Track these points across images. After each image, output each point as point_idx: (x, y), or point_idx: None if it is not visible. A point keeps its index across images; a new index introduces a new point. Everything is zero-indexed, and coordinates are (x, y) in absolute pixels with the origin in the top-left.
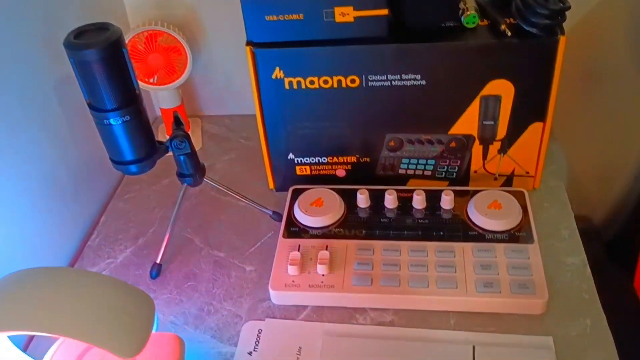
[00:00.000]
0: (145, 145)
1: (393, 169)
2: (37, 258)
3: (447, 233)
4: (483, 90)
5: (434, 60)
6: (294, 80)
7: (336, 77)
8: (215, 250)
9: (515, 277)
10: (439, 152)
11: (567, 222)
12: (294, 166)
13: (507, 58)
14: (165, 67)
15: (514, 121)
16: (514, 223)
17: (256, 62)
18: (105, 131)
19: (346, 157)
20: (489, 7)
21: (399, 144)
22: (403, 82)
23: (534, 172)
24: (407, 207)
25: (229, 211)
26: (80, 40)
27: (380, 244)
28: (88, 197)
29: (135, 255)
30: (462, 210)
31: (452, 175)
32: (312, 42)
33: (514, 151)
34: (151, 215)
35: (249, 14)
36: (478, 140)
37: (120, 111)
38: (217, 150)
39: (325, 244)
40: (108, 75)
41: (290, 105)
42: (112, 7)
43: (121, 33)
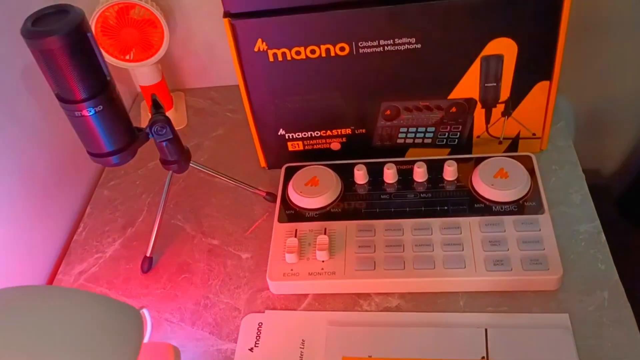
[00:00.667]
0: (123, 134)
1: (391, 139)
2: (22, 258)
3: (451, 207)
4: (484, 51)
5: (429, 21)
6: (279, 51)
7: (324, 45)
8: (209, 237)
9: (526, 252)
10: (438, 119)
11: (578, 185)
12: (286, 142)
13: (508, 14)
14: (140, 42)
15: (518, 81)
16: (522, 192)
17: (236, 35)
18: (78, 123)
19: (340, 130)
20: None
21: (395, 113)
22: (397, 47)
23: (540, 134)
24: (408, 180)
25: (221, 193)
26: (39, 27)
27: (381, 223)
28: (70, 188)
29: (125, 247)
30: (466, 181)
31: (453, 142)
32: (296, 9)
33: (518, 113)
34: (139, 202)
35: None
36: (480, 104)
37: (92, 101)
38: (203, 126)
39: (323, 226)
40: (74, 64)
41: (277, 78)
42: None
43: (84, 15)
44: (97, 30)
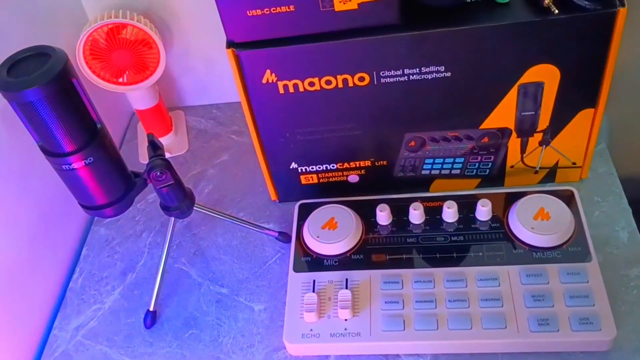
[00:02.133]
0: (118, 184)
1: (414, 170)
2: (15, 312)
3: (487, 253)
4: (522, 78)
5: (459, 47)
6: (290, 83)
7: (340, 76)
8: (217, 285)
9: (574, 308)
10: (468, 149)
11: (625, 220)
12: (298, 176)
13: (551, 39)
14: (134, 64)
15: (560, 109)
16: (566, 236)
17: (241, 66)
18: (67, 176)
19: (359, 162)
20: None
21: (420, 144)
22: (423, 76)
23: (581, 163)
24: (437, 220)
25: (228, 232)
26: (16, 77)
27: (409, 273)
28: (64, 227)
29: (125, 297)
30: (502, 222)
31: (484, 172)
32: (308, 37)
33: (558, 142)
34: (138, 243)
35: (227, 10)
36: (515, 133)
37: (81, 153)
38: (206, 151)
39: (344, 277)
40: (58, 115)
41: (288, 111)
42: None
43: (67, 59)
44: (86, 53)
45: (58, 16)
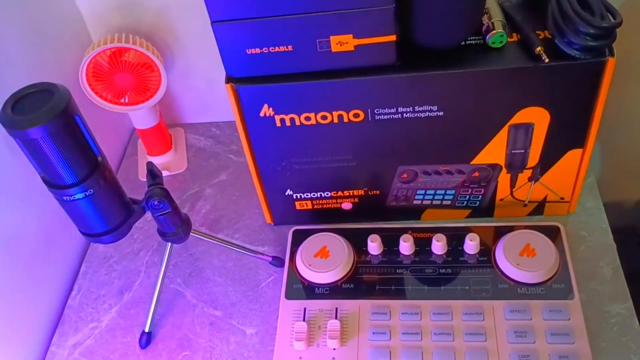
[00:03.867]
0: (117, 213)
1: (407, 200)
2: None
3: (473, 287)
4: (512, 119)
5: (453, 89)
6: (287, 117)
7: (336, 112)
8: (210, 307)
9: (555, 345)
10: (459, 182)
11: (610, 257)
12: (293, 202)
13: (541, 83)
14: (136, 86)
15: (549, 148)
16: (550, 273)
17: (240, 100)
18: (68, 207)
19: (352, 191)
20: (518, 15)
21: (413, 176)
22: (417, 114)
23: (569, 198)
24: (426, 251)
25: (223, 253)
26: (20, 114)
27: (397, 304)
28: (64, 244)
29: (122, 316)
30: (489, 256)
31: (474, 204)
32: (305, 74)
33: (547, 178)
34: (136, 261)
35: (227, 48)
36: (505, 169)
37: (82, 185)
38: (204, 170)
39: (334, 306)
40: (61, 150)
41: (284, 143)
42: (68, 19)
43: (70, 96)
44: (89, 74)
45: (64, 38)
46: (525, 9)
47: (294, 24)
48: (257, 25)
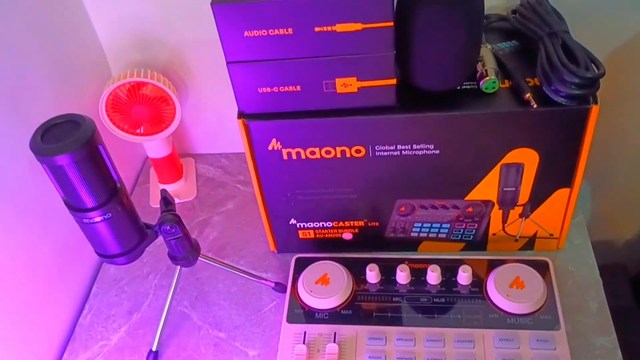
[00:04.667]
0: (131, 236)
1: (404, 232)
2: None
3: (465, 316)
4: (504, 159)
5: (449, 129)
6: (293, 151)
7: (339, 147)
8: (215, 329)
9: None
10: (454, 217)
11: (595, 291)
12: (297, 230)
13: (531, 127)
14: (152, 117)
15: (538, 187)
16: (538, 305)
17: (250, 134)
18: (87, 229)
19: (353, 222)
20: (509, 63)
21: (410, 210)
22: (414, 152)
23: (558, 235)
24: (421, 281)
25: (228, 278)
26: (49, 142)
27: (393, 330)
28: (77, 265)
29: (130, 335)
30: (481, 287)
31: (468, 238)
32: (311, 112)
33: (537, 215)
34: (145, 284)
35: (240, 87)
36: (498, 205)
37: (101, 209)
38: (213, 199)
39: (333, 330)
40: (84, 177)
41: (290, 175)
42: (90, 53)
43: (95, 127)
44: (108, 106)
45: (86, 71)
46: (516, 57)
47: (303, 66)
48: (268, 66)
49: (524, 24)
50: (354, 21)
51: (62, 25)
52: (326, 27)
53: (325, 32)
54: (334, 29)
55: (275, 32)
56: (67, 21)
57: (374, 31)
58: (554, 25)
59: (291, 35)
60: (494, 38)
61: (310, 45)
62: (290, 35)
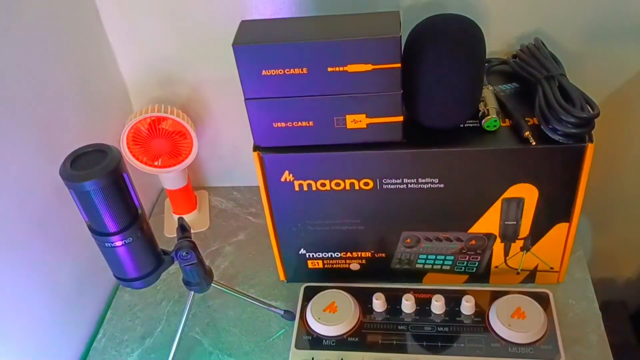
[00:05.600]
0: (149, 261)
1: (410, 263)
2: None
3: (468, 345)
4: (505, 193)
5: (452, 164)
6: (304, 182)
7: (349, 180)
8: (226, 355)
9: None
10: (457, 249)
11: (595, 324)
12: (306, 260)
13: (530, 163)
14: (170, 151)
15: (538, 222)
16: (539, 334)
17: (264, 166)
18: (108, 252)
19: (360, 252)
20: (510, 104)
21: (415, 241)
22: (420, 185)
23: (558, 268)
24: (426, 310)
25: (238, 306)
26: (77, 169)
27: (398, 358)
28: (93, 290)
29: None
30: (483, 316)
31: (471, 270)
32: (323, 146)
33: (537, 249)
34: (158, 310)
35: (257, 121)
36: (499, 238)
37: (123, 234)
38: (225, 230)
39: (340, 357)
40: (108, 203)
41: (301, 205)
42: (114, 89)
43: (121, 158)
44: (129, 139)
45: (110, 106)
46: (516, 99)
47: (315, 103)
48: (284, 103)
49: (523, 68)
50: (364, 62)
51: (90, 63)
52: (338, 67)
53: (337, 72)
54: (345, 69)
55: (291, 72)
56: (94, 59)
57: (382, 72)
58: (552, 69)
59: (305, 75)
60: (495, 80)
61: (323, 84)
62: (305, 74)
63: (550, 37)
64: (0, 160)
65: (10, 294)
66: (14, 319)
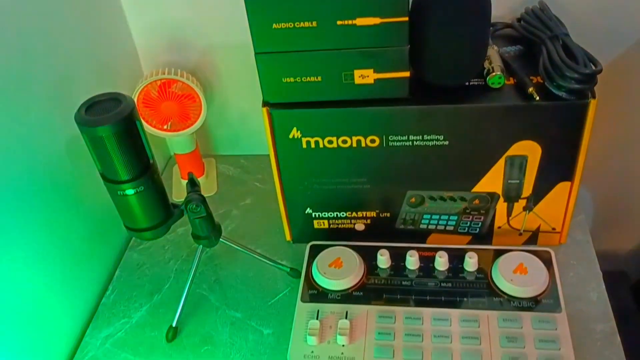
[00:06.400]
0: (159, 212)
1: (414, 223)
2: (52, 318)
3: (471, 299)
4: (509, 151)
5: (457, 121)
6: (312, 139)
7: (355, 137)
8: (232, 310)
9: (542, 351)
10: (461, 209)
11: (595, 282)
12: (312, 220)
13: (534, 120)
14: (179, 114)
15: (540, 180)
16: (541, 289)
17: (273, 122)
18: (119, 201)
19: (365, 212)
20: (514, 63)
21: (420, 201)
22: (425, 142)
23: (560, 229)
24: (430, 268)
25: (245, 265)
26: (92, 115)
27: (401, 310)
28: (103, 249)
29: (151, 314)
30: (486, 273)
31: (475, 231)
32: (330, 102)
33: (540, 208)
34: (166, 268)
35: (266, 76)
36: (502, 198)
37: (135, 182)
38: (232, 194)
39: (345, 309)
40: (121, 150)
41: (308, 163)
42: (125, 54)
43: (134, 105)
44: (139, 102)
45: (120, 70)
46: (521, 59)
47: (324, 57)
48: (293, 57)
49: (528, 29)
50: (372, 15)
51: (101, 26)
52: (347, 20)
53: (347, 25)
54: (354, 22)
55: (301, 25)
56: (105, 22)
57: (390, 25)
58: (555, 29)
59: (315, 28)
60: (500, 44)
61: (333, 38)
62: (315, 27)
63: (554, 0)
64: (13, 114)
65: (25, 247)
66: (29, 272)
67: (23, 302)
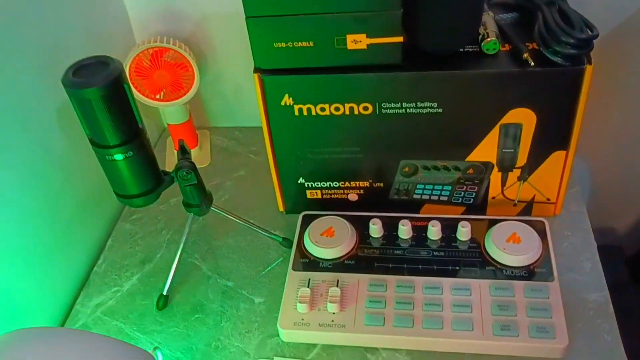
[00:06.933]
0: (149, 178)
1: (407, 194)
2: (43, 287)
3: (463, 268)
4: (503, 119)
5: (451, 88)
6: (304, 107)
7: (348, 104)
8: (224, 279)
9: (534, 319)
10: (455, 179)
11: (590, 252)
12: (305, 190)
13: (529, 87)
14: (172, 83)
15: (535, 149)
16: (534, 258)
17: (264, 89)
18: (108, 166)
19: (359, 182)
20: (510, 30)
21: (413, 170)
22: (418, 110)
23: (555, 199)
24: (422, 237)
25: (238, 235)
26: (79, 78)
27: (393, 279)
28: (95, 219)
29: (142, 282)
30: (479, 242)
31: (469, 201)
32: (323, 68)
33: (534, 178)
34: (158, 238)
35: (257, 41)
36: (497, 167)
37: (123, 147)
38: (226, 166)
39: (336, 278)
40: (109, 113)
41: (300, 131)
42: (117, 23)
43: (122, 68)
44: (132, 71)
45: (113, 39)
46: (516, 26)
47: (316, 21)
48: (284, 21)
49: None
50: None
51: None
52: None
53: None
54: None
55: None
56: None
57: None
58: None
59: None
60: (496, 10)
61: (324, 1)
62: None
63: None
64: (3, 82)
65: (15, 212)
66: (17, 238)
67: (14, 269)
